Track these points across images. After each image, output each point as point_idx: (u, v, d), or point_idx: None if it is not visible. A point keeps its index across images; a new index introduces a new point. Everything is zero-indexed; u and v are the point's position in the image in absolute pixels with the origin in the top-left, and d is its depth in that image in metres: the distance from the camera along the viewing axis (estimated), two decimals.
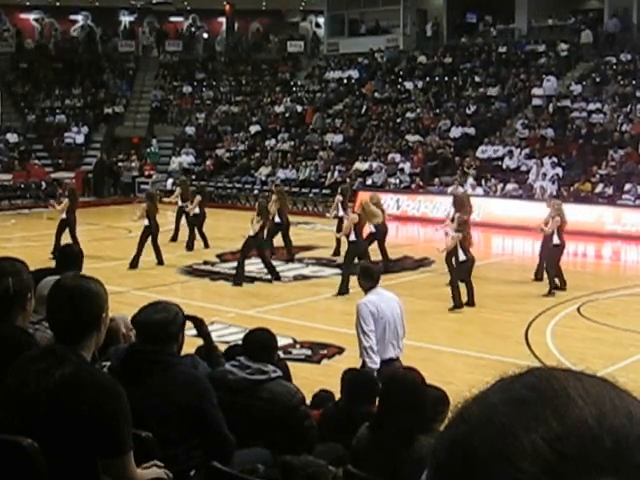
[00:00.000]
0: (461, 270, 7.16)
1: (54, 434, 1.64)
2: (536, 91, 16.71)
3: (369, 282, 4.06)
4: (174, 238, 11.38)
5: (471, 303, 7.30)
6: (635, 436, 0.42)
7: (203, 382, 2.24)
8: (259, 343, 2.80)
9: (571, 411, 0.42)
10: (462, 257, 7.10)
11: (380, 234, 9.03)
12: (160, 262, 9.49)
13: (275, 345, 2.93)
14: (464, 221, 7.40)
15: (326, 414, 3.06)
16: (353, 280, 8.15)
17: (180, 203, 11.36)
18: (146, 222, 9.37)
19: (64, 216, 10.09)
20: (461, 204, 7.90)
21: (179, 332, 2.27)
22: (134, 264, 9.25)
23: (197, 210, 10.85)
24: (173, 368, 2.19)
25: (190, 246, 10.80)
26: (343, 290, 7.84)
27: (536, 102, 16.55)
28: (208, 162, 18.34)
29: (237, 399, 2.59)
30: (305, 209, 15.22)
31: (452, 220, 7.68)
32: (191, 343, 2.84)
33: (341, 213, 9.87)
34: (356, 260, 7.67)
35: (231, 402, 2.47)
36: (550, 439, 0.41)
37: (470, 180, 14.17)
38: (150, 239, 9.33)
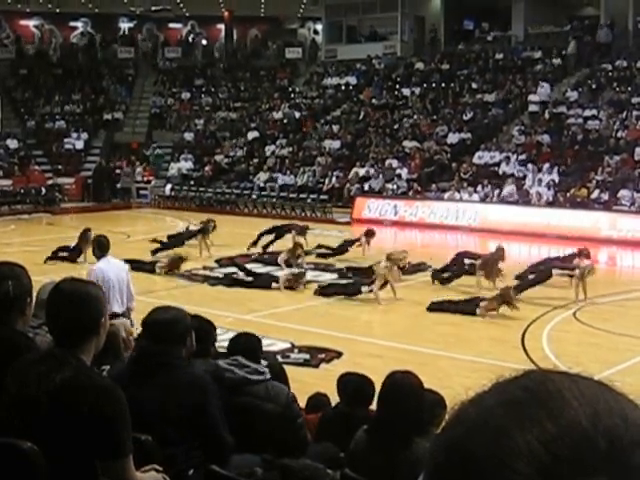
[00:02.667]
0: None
1: (54, 436, 1.66)
2: (532, 97, 16.82)
3: (100, 252, 5.07)
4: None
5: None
6: (630, 438, 0.42)
7: (207, 383, 2.26)
8: (249, 347, 2.89)
9: (566, 412, 0.43)
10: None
11: None
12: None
13: (261, 347, 3.09)
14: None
15: (325, 417, 3.09)
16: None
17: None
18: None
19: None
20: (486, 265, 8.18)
21: (185, 334, 2.28)
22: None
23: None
24: (178, 369, 2.22)
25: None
26: None
27: (532, 108, 16.65)
28: (207, 168, 18.38)
29: (233, 397, 2.63)
30: (303, 214, 15.26)
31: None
32: None
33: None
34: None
35: (227, 400, 2.50)
36: (545, 440, 0.42)
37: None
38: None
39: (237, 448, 2.39)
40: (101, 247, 5.04)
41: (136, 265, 9.30)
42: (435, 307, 7.42)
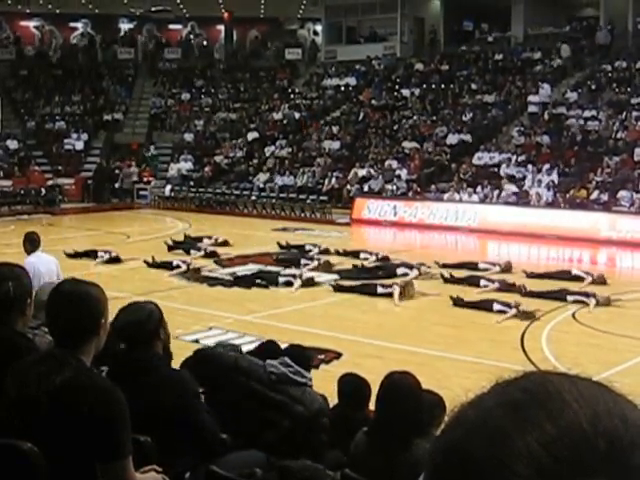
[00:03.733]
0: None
1: (54, 437, 1.66)
2: (532, 98, 16.83)
3: (31, 247, 5.31)
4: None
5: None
6: (629, 439, 0.42)
7: (187, 382, 2.25)
8: (300, 356, 2.99)
9: (565, 414, 0.43)
10: None
11: None
12: None
13: (310, 362, 3.19)
14: None
15: None
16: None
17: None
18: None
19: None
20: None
21: (158, 329, 2.25)
22: None
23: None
24: (157, 370, 2.20)
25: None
26: None
27: (532, 109, 16.67)
28: (206, 168, 18.38)
29: (269, 392, 2.70)
30: (303, 215, 15.26)
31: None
32: None
33: None
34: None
35: (263, 394, 2.55)
36: (544, 442, 0.42)
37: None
38: None
39: (256, 441, 2.41)
40: (32, 243, 5.41)
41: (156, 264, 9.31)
42: (459, 303, 7.50)
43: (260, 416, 2.39)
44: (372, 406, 2.63)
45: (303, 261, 9.64)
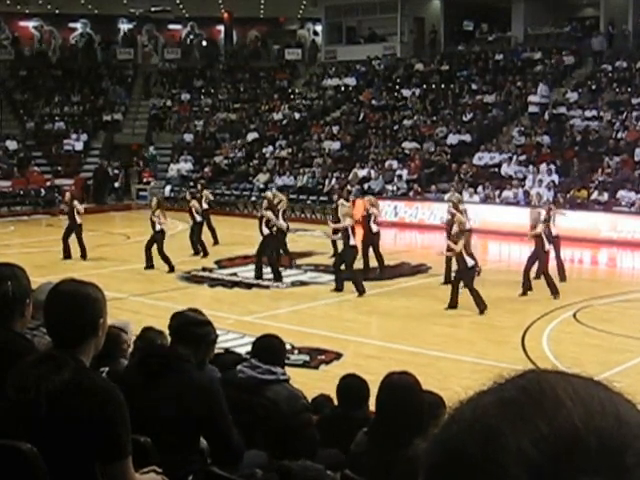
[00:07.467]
0: (468, 276, 7.34)
1: (53, 439, 1.66)
2: (532, 98, 16.83)
3: None
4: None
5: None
6: (622, 437, 0.42)
7: (215, 387, 2.27)
8: (269, 348, 2.90)
9: (558, 412, 0.42)
10: (470, 263, 7.28)
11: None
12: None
13: (284, 350, 3.07)
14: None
15: (322, 420, 3.09)
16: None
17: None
18: (157, 228, 9.52)
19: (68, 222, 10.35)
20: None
21: (208, 348, 2.35)
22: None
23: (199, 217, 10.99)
24: (185, 372, 2.21)
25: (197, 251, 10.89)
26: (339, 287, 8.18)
27: (532, 109, 16.66)
28: (206, 169, 18.38)
29: (243, 397, 2.67)
30: (303, 216, 15.26)
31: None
32: None
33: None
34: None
35: (237, 399, 2.53)
36: (535, 440, 0.41)
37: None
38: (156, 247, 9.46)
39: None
40: None
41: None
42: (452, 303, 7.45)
43: (239, 421, 2.37)
44: (372, 406, 2.63)
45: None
